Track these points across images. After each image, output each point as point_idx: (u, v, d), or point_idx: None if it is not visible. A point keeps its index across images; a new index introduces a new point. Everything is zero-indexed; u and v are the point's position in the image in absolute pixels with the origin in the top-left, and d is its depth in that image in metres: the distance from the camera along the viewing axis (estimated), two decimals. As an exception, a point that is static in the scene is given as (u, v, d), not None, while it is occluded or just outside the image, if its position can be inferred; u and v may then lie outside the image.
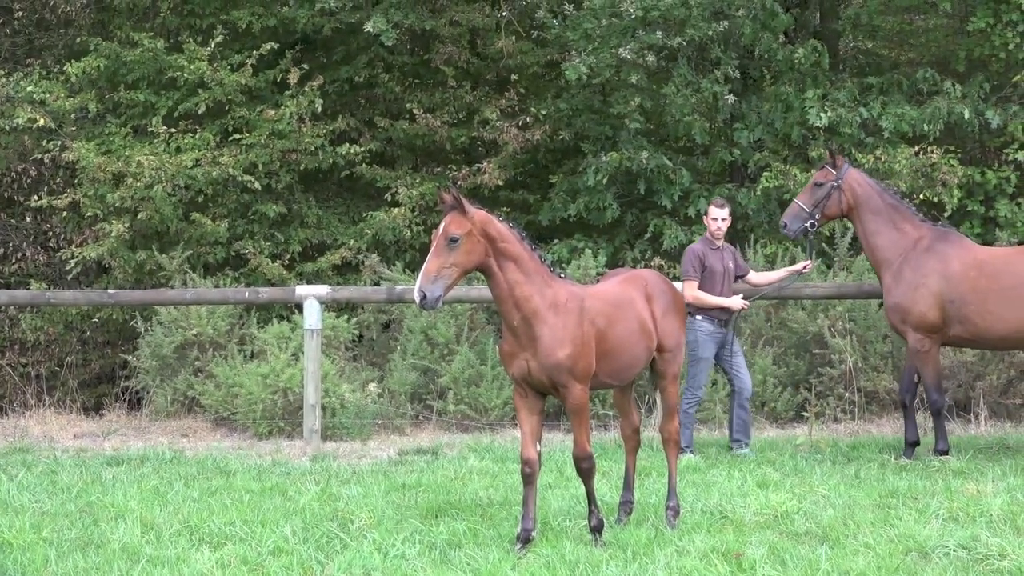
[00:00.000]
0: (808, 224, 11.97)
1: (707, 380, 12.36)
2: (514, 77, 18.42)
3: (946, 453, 11.57)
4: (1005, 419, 13.99)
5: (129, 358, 15.79)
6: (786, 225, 12.09)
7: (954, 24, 18.90)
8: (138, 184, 15.85)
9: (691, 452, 12.04)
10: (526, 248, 8.21)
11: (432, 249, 7.93)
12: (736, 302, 12.24)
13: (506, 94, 18.02)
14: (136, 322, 15.64)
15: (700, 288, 12.12)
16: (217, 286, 15.55)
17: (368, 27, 16.80)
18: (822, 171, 12.07)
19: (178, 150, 16.39)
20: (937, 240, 11.66)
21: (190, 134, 16.71)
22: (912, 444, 11.75)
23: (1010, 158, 16.38)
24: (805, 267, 12.56)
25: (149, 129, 16.81)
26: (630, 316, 8.59)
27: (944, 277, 11.43)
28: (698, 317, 12.13)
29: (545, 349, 8.03)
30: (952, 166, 15.83)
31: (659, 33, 16.03)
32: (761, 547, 8.08)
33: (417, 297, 7.84)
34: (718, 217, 12.35)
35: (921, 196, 15.80)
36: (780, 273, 12.73)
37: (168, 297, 14.52)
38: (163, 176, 15.83)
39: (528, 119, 17.67)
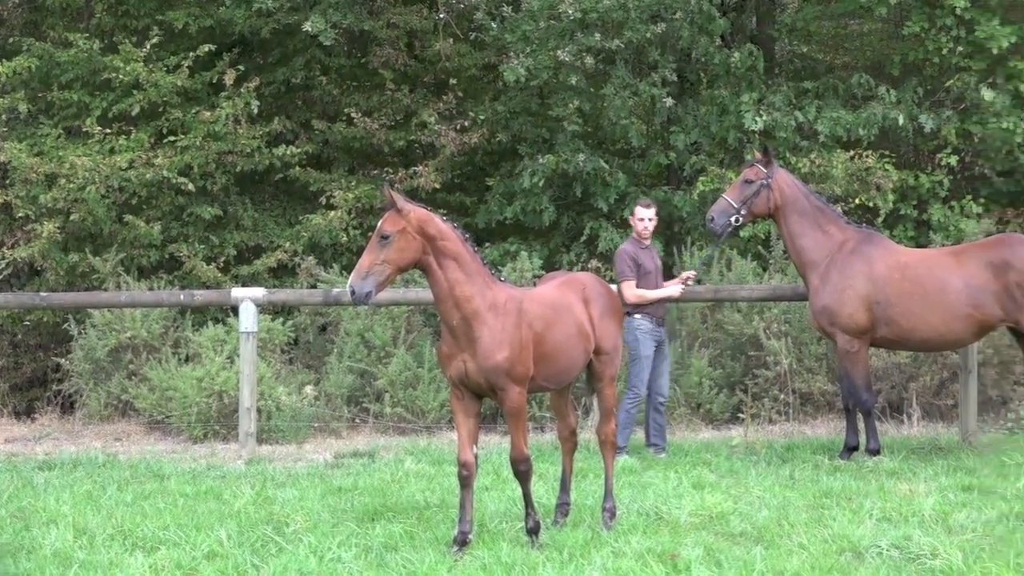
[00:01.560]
0: (733, 219, 12.03)
1: (647, 378, 12.35)
2: (452, 80, 18.40)
3: (878, 453, 11.67)
4: (937, 420, 14.14)
5: (62, 361, 15.61)
6: (713, 219, 12.11)
7: (889, 29, 19.08)
8: (71, 185, 15.70)
9: (626, 454, 12.05)
10: (468, 248, 8.23)
11: (367, 246, 7.97)
12: (675, 289, 12.30)
13: (444, 97, 17.98)
14: (69, 325, 15.46)
15: (637, 287, 12.16)
16: (151, 289, 15.42)
17: (307, 27, 16.71)
18: (752, 169, 12.12)
19: (112, 151, 16.24)
20: (862, 242, 11.79)
21: (124, 135, 16.55)
22: (851, 448, 11.84)
23: (943, 162, 16.54)
24: (688, 278, 12.55)
25: (83, 130, 16.65)
26: (568, 320, 8.60)
27: (870, 279, 11.56)
28: (636, 316, 12.15)
29: (484, 351, 8.03)
30: (886, 170, 15.97)
31: (597, 35, 16.08)
32: (696, 548, 8.10)
33: (348, 292, 7.91)
34: (645, 217, 12.40)
35: (856, 200, 15.93)
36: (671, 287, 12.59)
37: (102, 300, 14.36)
38: (96, 177, 15.68)
39: (466, 122, 17.64)
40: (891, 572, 7.61)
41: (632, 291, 12.07)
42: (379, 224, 7.99)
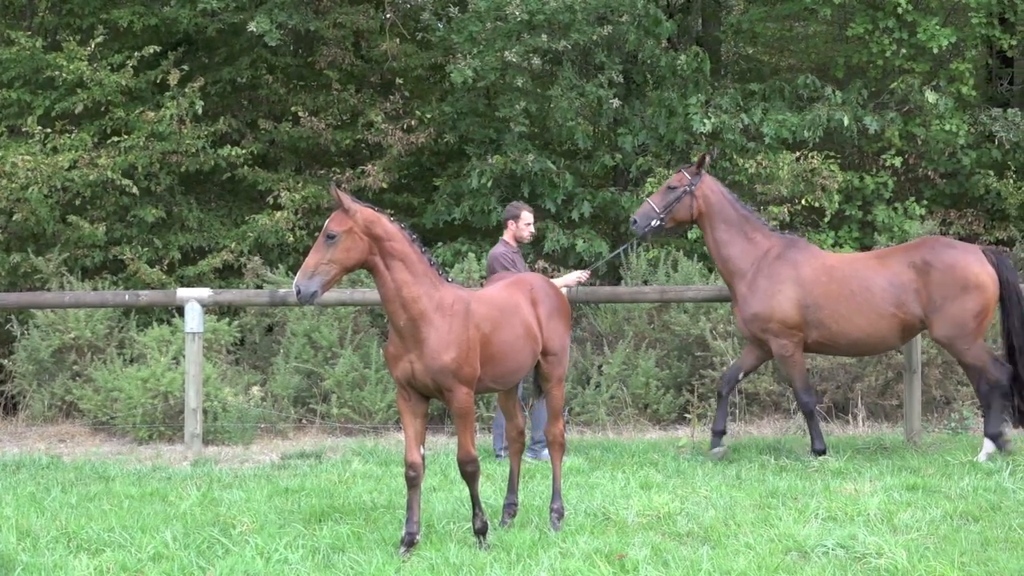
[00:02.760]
0: (655, 224, 12.09)
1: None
2: (399, 80, 18.36)
3: (823, 453, 11.73)
4: (882, 420, 14.25)
5: (4, 362, 15.43)
6: (635, 222, 12.21)
7: (833, 31, 19.22)
8: (13, 185, 15.52)
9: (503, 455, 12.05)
10: (415, 249, 8.22)
11: (313, 246, 7.97)
12: (573, 277, 12.31)
13: (391, 97, 17.94)
14: (12, 325, 15.31)
15: None
16: (95, 289, 15.30)
17: (252, 27, 16.64)
18: (678, 175, 12.25)
19: (55, 151, 16.07)
20: (787, 248, 11.94)
21: (67, 135, 16.40)
22: (719, 433, 11.97)
23: (887, 163, 16.71)
24: (581, 278, 12.54)
25: (24, 129, 16.47)
26: (515, 321, 8.60)
27: (798, 283, 11.70)
28: None
29: (431, 352, 8.02)
30: (832, 171, 16.09)
31: (544, 36, 16.08)
32: (644, 548, 8.13)
33: (293, 291, 7.93)
34: (531, 222, 12.39)
35: (802, 201, 16.05)
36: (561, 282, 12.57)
37: (45, 300, 14.22)
38: (39, 177, 15.52)
39: (413, 122, 17.60)
40: (837, 571, 7.66)
41: None
42: (326, 224, 7.97)
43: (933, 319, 11.49)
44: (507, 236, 12.31)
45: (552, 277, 12.73)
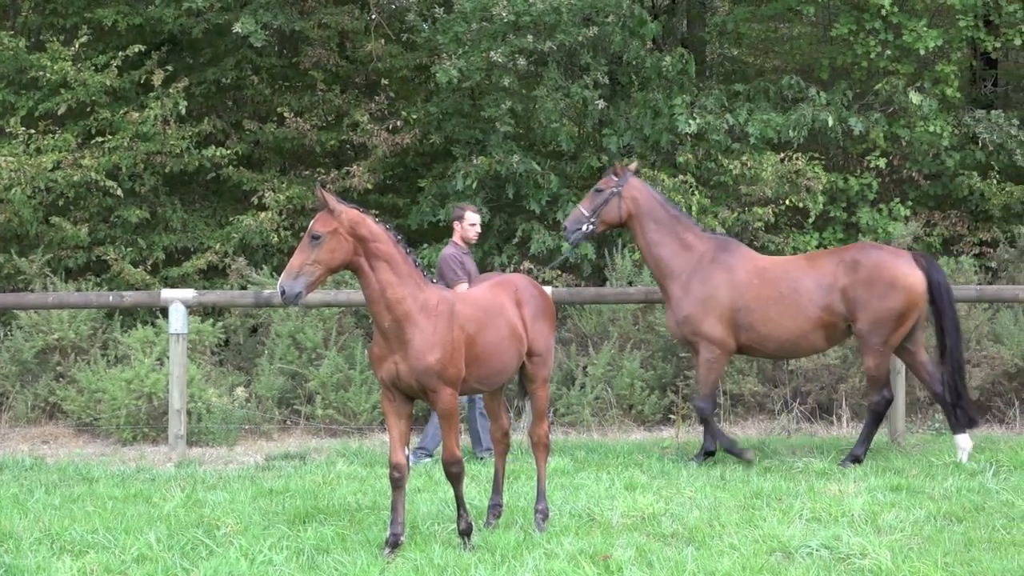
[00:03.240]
0: (585, 228, 12.15)
1: None
2: (384, 80, 18.33)
3: (713, 455, 11.81)
4: (866, 421, 14.27)
5: (-13, 363, 15.41)
6: (566, 228, 12.32)
7: (818, 32, 19.25)
8: (-4, 186, 15.49)
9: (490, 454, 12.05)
10: (400, 250, 8.22)
11: (298, 247, 7.96)
12: None
13: (376, 97, 17.90)
14: (-6, 326, 15.30)
15: None
16: (79, 290, 15.25)
17: (237, 27, 16.58)
18: (605, 178, 12.32)
19: (38, 151, 16.01)
20: (720, 251, 12.01)
21: (51, 135, 16.33)
22: (710, 453, 11.96)
23: (872, 165, 16.74)
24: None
25: (7, 130, 16.41)
26: (500, 322, 8.61)
27: (731, 286, 11.77)
28: None
29: (415, 353, 8.02)
30: (816, 172, 16.12)
31: (530, 37, 16.06)
32: (629, 549, 8.14)
33: (278, 292, 7.92)
34: (476, 223, 12.48)
35: (787, 202, 16.08)
36: None
37: (29, 301, 14.18)
38: (22, 178, 15.45)
39: (398, 122, 17.57)
40: (821, 572, 7.68)
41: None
42: (311, 225, 7.97)
43: (858, 313, 11.57)
44: (455, 237, 12.51)
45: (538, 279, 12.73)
